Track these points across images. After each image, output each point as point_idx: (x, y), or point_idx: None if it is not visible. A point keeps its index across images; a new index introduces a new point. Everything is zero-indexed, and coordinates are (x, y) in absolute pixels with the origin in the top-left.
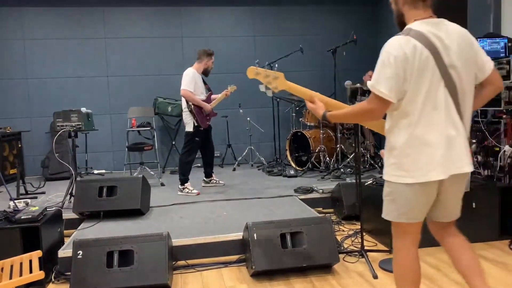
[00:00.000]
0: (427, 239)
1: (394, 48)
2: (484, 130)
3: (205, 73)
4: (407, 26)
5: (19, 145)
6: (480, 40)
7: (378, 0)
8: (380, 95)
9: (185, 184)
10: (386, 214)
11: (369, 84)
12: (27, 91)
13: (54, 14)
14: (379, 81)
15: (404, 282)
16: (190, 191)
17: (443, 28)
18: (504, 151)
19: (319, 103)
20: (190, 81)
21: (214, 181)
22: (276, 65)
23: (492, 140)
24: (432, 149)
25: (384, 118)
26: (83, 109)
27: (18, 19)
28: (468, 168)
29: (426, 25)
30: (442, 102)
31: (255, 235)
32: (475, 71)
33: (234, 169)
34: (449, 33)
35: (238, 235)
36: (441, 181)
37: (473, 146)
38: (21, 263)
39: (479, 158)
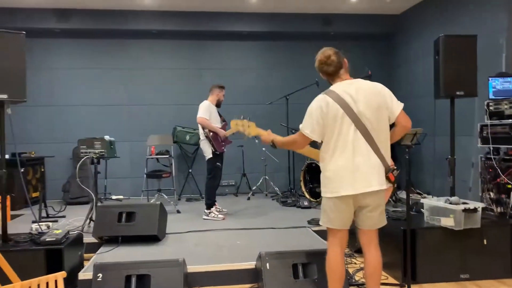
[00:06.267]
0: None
1: (314, 104)
2: (497, 167)
3: (218, 104)
4: (330, 87)
5: (42, 170)
6: (491, 79)
7: (391, 35)
8: (305, 135)
9: (212, 209)
10: (321, 222)
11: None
12: (51, 118)
13: (80, 45)
14: (305, 125)
15: (329, 272)
16: (216, 216)
17: (353, 87)
18: None
19: (271, 135)
20: (206, 110)
21: (218, 209)
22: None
23: (504, 177)
24: (343, 172)
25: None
26: (107, 137)
27: (46, 49)
28: (376, 187)
29: (341, 86)
30: (351, 139)
31: (267, 264)
32: (388, 114)
33: (249, 198)
34: (358, 89)
35: (251, 264)
36: (355, 196)
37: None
38: (47, 283)
39: (492, 195)
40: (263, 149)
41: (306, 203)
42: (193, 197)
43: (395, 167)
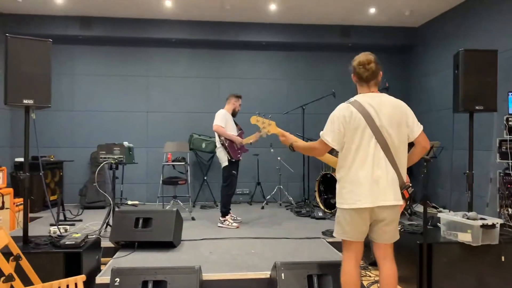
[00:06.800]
0: None
1: (337, 111)
2: None
3: (233, 114)
4: (353, 97)
5: (61, 174)
6: (511, 94)
7: (410, 47)
8: (325, 142)
9: (226, 217)
10: (334, 233)
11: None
12: (70, 122)
13: (101, 52)
14: (326, 132)
15: (344, 285)
16: (230, 224)
17: (377, 100)
18: None
19: (289, 137)
20: (222, 118)
21: (232, 217)
22: (305, 108)
23: None
24: (361, 184)
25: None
26: (126, 143)
27: (68, 55)
28: (393, 201)
29: (365, 97)
30: (372, 152)
31: (282, 274)
32: (408, 133)
33: (263, 207)
34: (381, 103)
35: (265, 274)
36: (371, 209)
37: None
38: (67, 286)
39: (510, 211)
40: (278, 158)
41: (320, 214)
42: (208, 204)
43: (410, 185)
